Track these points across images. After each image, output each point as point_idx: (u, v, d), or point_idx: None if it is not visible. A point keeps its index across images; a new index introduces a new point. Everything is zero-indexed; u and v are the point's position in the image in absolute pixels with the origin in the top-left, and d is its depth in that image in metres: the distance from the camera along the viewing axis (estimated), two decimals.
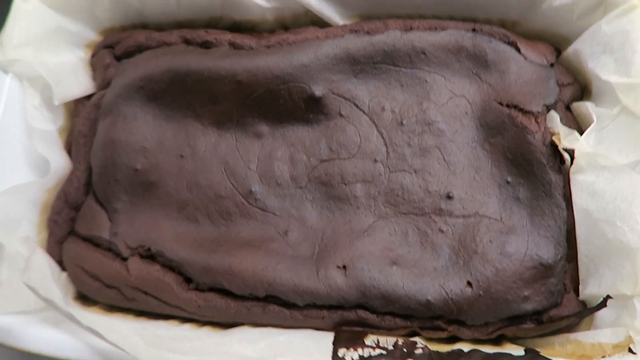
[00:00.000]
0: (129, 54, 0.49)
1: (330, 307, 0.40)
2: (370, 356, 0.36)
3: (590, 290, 0.37)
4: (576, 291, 0.39)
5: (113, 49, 0.50)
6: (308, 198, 0.44)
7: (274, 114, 0.45)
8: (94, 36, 0.51)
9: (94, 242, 0.46)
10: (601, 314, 0.37)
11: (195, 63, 0.45)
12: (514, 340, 0.40)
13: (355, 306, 0.40)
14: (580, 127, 0.42)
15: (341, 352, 0.37)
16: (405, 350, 0.37)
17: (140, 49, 0.49)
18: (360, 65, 0.44)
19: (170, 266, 0.44)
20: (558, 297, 0.38)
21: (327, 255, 0.41)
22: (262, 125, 0.45)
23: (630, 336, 0.34)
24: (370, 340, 0.38)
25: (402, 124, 0.43)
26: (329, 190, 0.43)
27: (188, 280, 0.43)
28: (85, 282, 0.45)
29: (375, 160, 0.43)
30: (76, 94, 0.49)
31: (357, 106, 0.44)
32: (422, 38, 0.43)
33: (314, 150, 0.44)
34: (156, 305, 0.43)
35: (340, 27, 0.45)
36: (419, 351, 0.36)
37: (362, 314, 0.40)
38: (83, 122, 0.48)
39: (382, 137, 0.43)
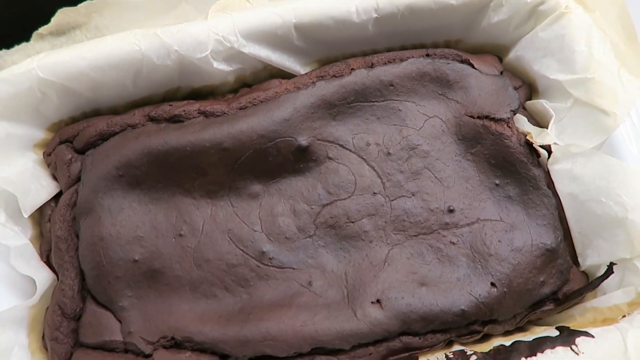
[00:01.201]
0: (91, 144, 0.46)
1: (375, 342, 0.42)
2: None
3: (591, 261, 0.43)
4: (576, 264, 0.44)
5: (71, 143, 0.47)
6: (320, 244, 0.45)
7: (264, 172, 0.45)
8: (41, 134, 0.48)
9: (107, 348, 0.43)
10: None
11: (175, 140, 0.44)
12: (537, 322, 0.44)
13: (399, 334, 0.42)
14: (537, 122, 0.47)
15: None
16: None
17: (103, 136, 0.46)
18: (336, 107, 0.46)
19: (202, 349, 0.42)
20: (567, 274, 0.43)
21: (358, 294, 0.42)
22: (255, 185, 0.45)
23: None
24: None
25: (389, 154, 0.45)
26: (338, 232, 0.44)
27: (224, 356, 0.42)
28: None
29: (374, 193, 0.45)
30: (44, 199, 0.46)
31: (342, 146, 0.46)
32: (387, 71, 0.46)
33: (313, 198, 0.45)
34: None
35: (306, 76, 0.47)
36: (473, 358, 0.39)
37: (406, 339, 0.42)
38: (60, 226, 0.45)
39: (374, 170, 0.45)
